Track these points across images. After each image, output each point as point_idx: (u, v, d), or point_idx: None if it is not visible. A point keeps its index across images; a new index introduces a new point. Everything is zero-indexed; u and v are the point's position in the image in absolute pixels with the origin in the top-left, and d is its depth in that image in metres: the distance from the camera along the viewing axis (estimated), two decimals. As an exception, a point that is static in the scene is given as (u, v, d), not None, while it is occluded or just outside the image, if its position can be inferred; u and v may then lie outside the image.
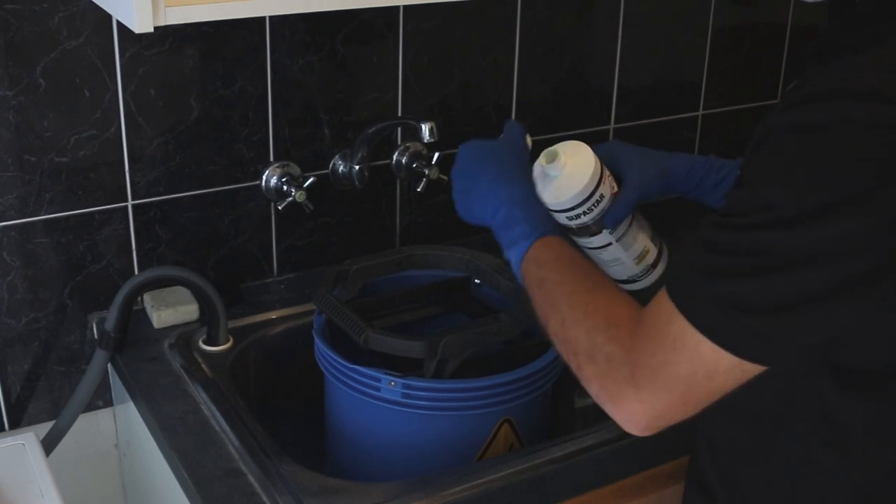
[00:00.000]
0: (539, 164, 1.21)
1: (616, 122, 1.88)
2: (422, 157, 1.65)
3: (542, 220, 1.12)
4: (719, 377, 0.88)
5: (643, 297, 1.00)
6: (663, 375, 0.90)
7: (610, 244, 1.27)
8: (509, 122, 1.26)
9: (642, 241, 1.29)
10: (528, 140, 1.26)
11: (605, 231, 1.25)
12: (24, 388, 1.50)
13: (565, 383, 1.42)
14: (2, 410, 1.50)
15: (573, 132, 1.84)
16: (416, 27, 1.61)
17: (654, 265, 1.31)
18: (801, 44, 1.98)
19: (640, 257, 1.29)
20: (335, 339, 1.34)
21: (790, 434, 0.98)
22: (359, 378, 1.27)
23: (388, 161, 1.66)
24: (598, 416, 1.04)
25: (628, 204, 1.25)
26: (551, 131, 1.81)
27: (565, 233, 1.17)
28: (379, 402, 1.27)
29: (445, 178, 1.64)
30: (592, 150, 1.24)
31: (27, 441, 1.27)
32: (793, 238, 0.83)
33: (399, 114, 1.65)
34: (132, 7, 1.02)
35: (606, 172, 1.24)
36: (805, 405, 0.95)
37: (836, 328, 0.87)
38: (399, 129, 1.65)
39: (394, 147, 1.66)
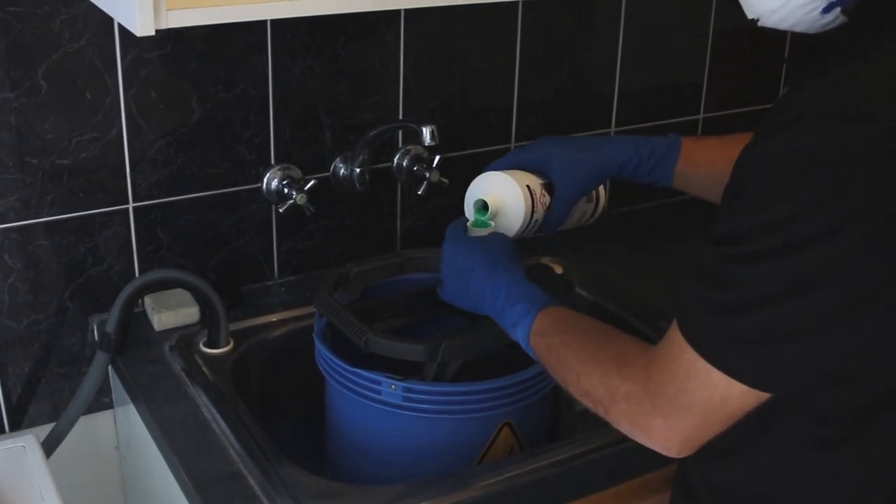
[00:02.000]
0: (470, 216, 1.28)
1: (616, 125, 1.88)
2: (423, 160, 1.65)
3: (539, 295, 1.15)
4: (734, 401, 0.91)
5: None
6: (682, 402, 0.93)
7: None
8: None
9: (580, 208, 1.36)
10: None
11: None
12: (25, 390, 1.50)
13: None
14: (2, 412, 1.50)
15: (574, 134, 1.84)
16: (417, 30, 1.61)
17: (592, 215, 1.39)
18: (796, 52, 1.99)
19: (580, 218, 1.38)
20: (335, 342, 1.34)
21: (775, 434, 0.98)
22: (359, 381, 1.28)
23: (388, 164, 1.66)
24: (598, 419, 1.05)
25: (561, 214, 1.32)
26: (552, 134, 1.81)
27: (563, 301, 1.19)
28: (379, 405, 1.27)
29: (446, 181, 1.64)
30: (517, 161, 1.31)
31: (27, 443, 1.27)
32: (784, 267, 0.84)
33: (400, 117, 1.65)
34: (134, 10, 1.02)
35: (537, 193, 1.29)
36: (792, 405, 0.96)
37: (840, 350, 0.88)
38: (400, 132, 1.65)
39: (395, 150, 1.66)
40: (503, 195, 1.28)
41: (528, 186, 1.28)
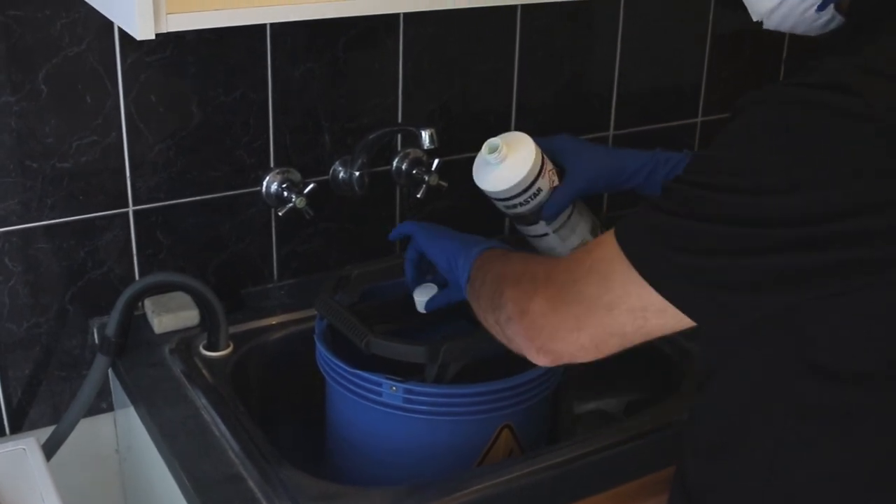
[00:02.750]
0: (481, 154, 1.28)
1: (615, 129, 1.88)
2: (422, 163, 1.65)
3: (484, 240, 1.18)
4: (619, 313, 0.91)
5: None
6: (569, 292, 0.93)
7: (547, 234, 1.33)
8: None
9: (581, 233, 1.35)
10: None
11: (541, 222, 1.31)
12: (25, 392, 1.51)
13: (565, 389, 1.42)
14: (3, 415, 1.50)
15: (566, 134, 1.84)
16: (416, 34, 1.61)
17: None
18: (794, 54, 1.99)
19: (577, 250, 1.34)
20: (336, 345, 1.34)
21: (762, 430, 0.99)
22: (360, 383, 1.28)
23: (388, 167, 1.67)
24: (598, 421, 1.05)
25: (565, 199, 1.30)
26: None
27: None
28: (380, 407, 1.27)
29: (445, 184, 1.65)
30: (537, 143, 1.30)
31: (28, 446, 1.27)
32: (726, 198, 0.85)
33: (399, 120, 1.65)
34: (134, 14, 1.02)
35: (549, 167, 1.29)
36: (779, 401, 0.96)
37: (747, 292, 0.87)
38: (399, 135, 1.65)
39: (394, 153, 1.66)
40: (517, 147, 1.28)
41: (542, 155, 1.29)
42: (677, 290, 0.89)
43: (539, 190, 1.28)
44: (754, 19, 0.98)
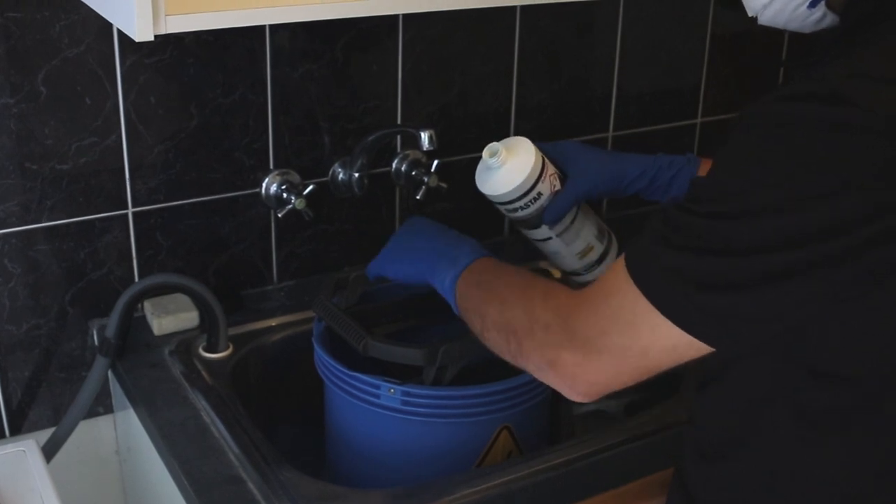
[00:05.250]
0: (483, 158, 1.29)
1: (615, 130, 1.88)
2: (421, 164, 1.66)
3: (480, 249, 1.17)
4: (654, 354, 0.91)
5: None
6: (599, 342, 0.93)
7: (550, 238, 1.34)
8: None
9: (586, 237, 1.35)
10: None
11: (544, 226, 1.32)
12: (25, 394, 1.51)
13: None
14: (2, 417, 1.50)
15: (572, 139, 1.84)
16: (415, 35, 1.61)
17: (598, 261, 1.37)
18: (793, 55, 1.99)
19: (583, 254, 1.37)
20: (334, 347, 1.34)
21: (763, 433, 0.99)
22: (358, 385, 1.28)
23: (387, 169, 1.67)
24: (598, 422, 1.05)
25: (566, 204, 1.30)
26: (550, 138, 1.81)
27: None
28: (378, 409, 1.27)
29: (445, 185, 1.65)
30: (540, 148, 1.31)
31: (28, 447, 1.27)
32: (739, 227, 0.85)
33: (399, 122, 1.65)
34: (133, 15, 1.02)
35: (550, 171, 1.30)
36: (780, 404, 0.96)
37: (777, 318, 0.88)
38: (399, 136, 1.65)
39: (393, 155, 1.66)
40: (518, 151, 1.30)
41: (543, 160, 1.29)
42: (705, 328, 0.89)
43: (539, 194, 1.29)
44: (749, 14, 0.99)
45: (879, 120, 0.80)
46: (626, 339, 0.91)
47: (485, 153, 1.30)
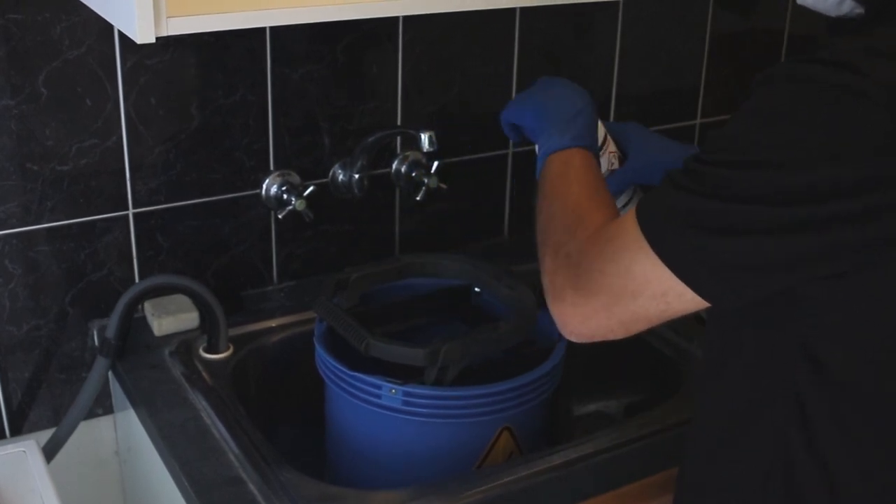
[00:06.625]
0: None
1: (614, 131, 1.88)
2: (421, 165, 1.66)
3: (588, 137, 1.18)
4: (644, 300, 0.93)
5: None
6: (596, 282, 0.96)
7: None
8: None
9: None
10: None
11: None
12: (25, 395, 1.51)
13: (564, 391, 1.42)
14: (3, 417, 1.50)
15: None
16: (415, 37, 1.61)
17: None
18: (798, 54, 1.99)
19: None
20: (336, 347, 1.34)
21: (762, 429, 0.99)
22: (359, 385, 1.28)
23: (387, 170, 1.67)
24: (598, 423, 1.05)
25: (621, 184, 1.30)
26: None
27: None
28: (379, 410, 1.27)
29: (445, 186, 1.65)
30: (607, 126, 1.30)
31: (28, 448, 1.28)
32: (743, 176, 0.87)
33: (398, 123, 1.65)
34: (134, 17, 1.03)
35: (611, 148, 1.30)
36: (780, 398, 0.97)
37: (765, 273, 0.89)
38: (398, 138, 1.65)
39: (393, 156, 1.66)
40: None
41: (606, 135, 1.30)
42: (694, 272, 0.90)
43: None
44: None
45: (884, 93, 0.82)
46: (620, 280, 0.94)
47: None
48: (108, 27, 1.38)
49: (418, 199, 1.65)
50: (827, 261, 0.87)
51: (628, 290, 0.94)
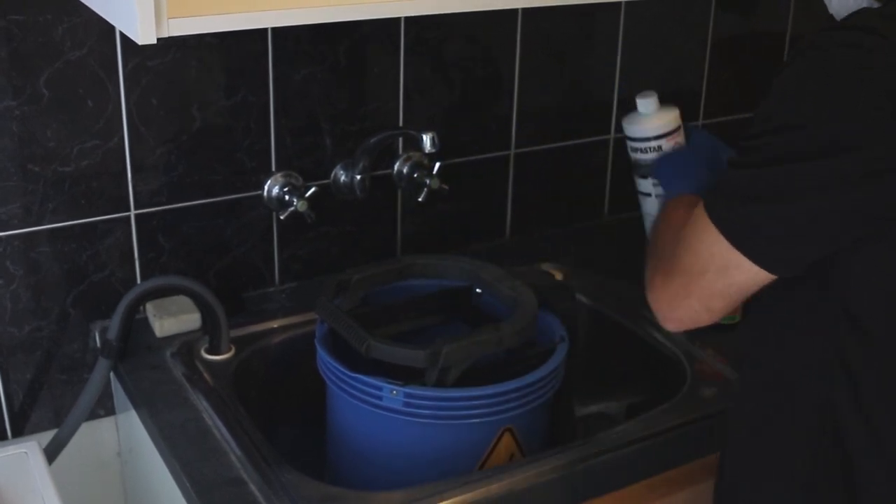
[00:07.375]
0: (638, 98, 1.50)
1: (616, 133, 1.88)
2: (423, 166, 1.66)
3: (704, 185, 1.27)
4: (711, 276, 0.99)
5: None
6: (674, 266, 1.04)
7: (650, 195, 1.51)
8: (697, 133, 1.50)
9: None
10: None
11: (650, 179, 1.49)
12: (27, 396, 1.51)
13: (566, 392, 1.42)
14: (4, 419, 1.50)
15: (574, 142, 1.85)
16: (417, 38, 1.61)
17: None
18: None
19: None
20: (337, 348, 1.34)
21: (810, 395, 1.01)
22: (360, 386, 1.28)
23: (389, 171, 1.67)
24: (599, 424, 1.05)
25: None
26: (552, 141, 1.82)
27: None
28: (380, 411, 1.27)
29: (446, 187, 1.65)
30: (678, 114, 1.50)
31: (30, 449, 1.28)
32: (782, 142, 0.93)
33: (400, 124, 1.65)
34: (135, 19, 1.02)
35: (679, 138, 1.49)
36: (821, 369, 0.99)
37: (819, 243, 0.94)
38: (400, 139, 1.65)
39: (395, 157, 1.66)
40: (665, 110, 1.50)
41: (680, 127, 1.49)
42: (747, 240, 0.96)
43: (660, 147, 1.47)
44: None
45: None
46: (690, 258, 1.01)
47: (639, 96, 1.50)
48: (110, 28, 1.38)
49: (420, 200, 1.65)
50: (863, 215, 0.92)
51: (696, 267, 1.00)
